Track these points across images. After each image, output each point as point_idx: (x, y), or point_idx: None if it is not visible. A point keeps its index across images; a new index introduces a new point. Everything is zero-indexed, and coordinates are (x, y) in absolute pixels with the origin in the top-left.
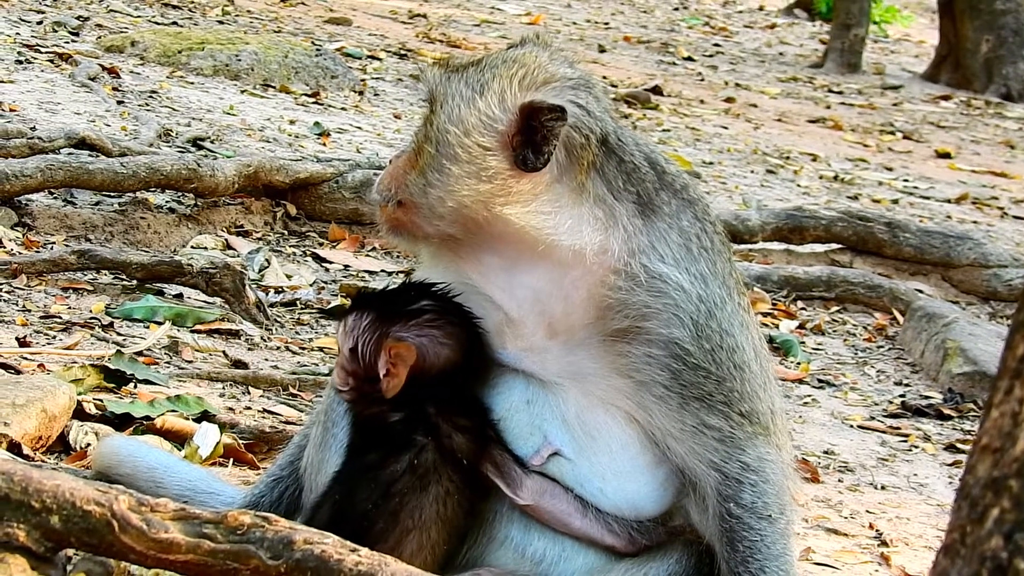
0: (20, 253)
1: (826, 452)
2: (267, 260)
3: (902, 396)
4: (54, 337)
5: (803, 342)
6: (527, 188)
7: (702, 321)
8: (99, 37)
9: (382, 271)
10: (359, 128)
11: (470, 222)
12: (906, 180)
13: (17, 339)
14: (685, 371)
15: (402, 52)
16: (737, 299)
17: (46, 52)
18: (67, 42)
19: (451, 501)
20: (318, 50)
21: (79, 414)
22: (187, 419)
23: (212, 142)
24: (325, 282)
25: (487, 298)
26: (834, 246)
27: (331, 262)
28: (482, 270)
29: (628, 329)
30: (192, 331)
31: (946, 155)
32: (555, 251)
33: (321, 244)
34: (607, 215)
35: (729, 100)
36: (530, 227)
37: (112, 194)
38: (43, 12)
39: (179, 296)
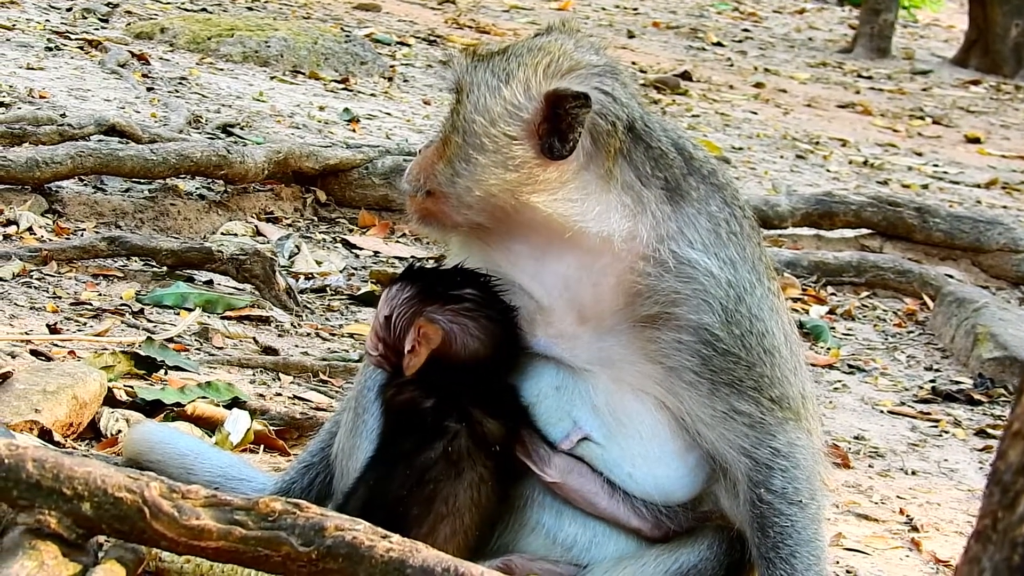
0: (50, 240)
1: (856, 437)
2: (297, 246)
3: (932, 381)
4: (84, 324)
5: (833, 327)
6: (554, 176)
7: (731, 306)
8: (128, 24)
9: (412, 257)
10: (389, 114)
11: (498, 211)
12: (936, 165)
13: (48, 326)
14: (715, 357)
15: (431, 38)
16: (767, 283)
17: (75, 39)
18: (96, 29)
19: (484, 487)
20: (347, 36)
21: (110, 401)
22: (218, 405)
23: (242, 128)
24: (355, 268)
25: (517, 286)
26: (864, 231)
27: (361, 248)
28: (511, 258)
29: (657, 315)
30: (222, 317)
31: (976, 140)
32: (583, 238)
33: (351, 230)
34: (635, 201)
35: (758, 85)
36: (557, 215)
37: (142, 181)
38: None
39: (209, 283)
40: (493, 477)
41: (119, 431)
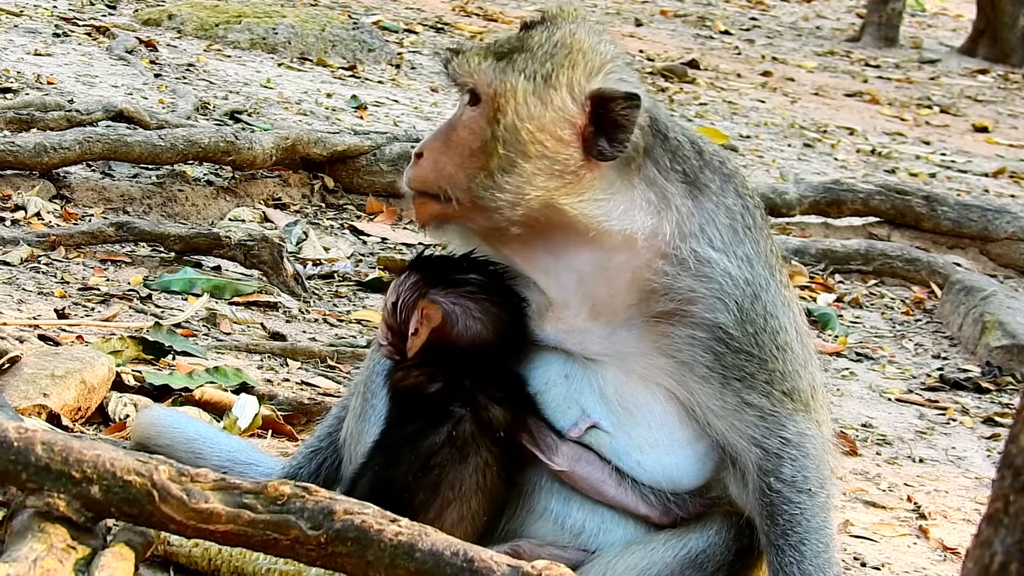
0: (58, 225)
1: (864, 425)
2: (305, 232)
3: (940, 369)
4: (92, 309)
5: (841, 315)
6: (590, 177)
7: (747, 305)
8: (136, 10)
9: (419, 243)
10: (396, 101)
11: (529, 216)
12: (944, 154)
13: (56, 311)
14: (728, 354)
15: (439, 26)
16: (779, 277)
17: (83, 25)
18: (104, 15)
19: (490, 472)
20: (355, 23)
21: (118, 385)
22: (225, 391)
23: (249, 115)
24: (363, 254)
25: (530, 281)
26: (872, 219)
27: (368, 234)
28: (528, 254)
29: (672, 312)
30: (230, 303)
31: (984, 129)
32: (605, 236)
33: (359, 217)
34: (659, 197)
35: (766, 74)
36: (583, 215)
37: (150, 166)
38: None
39: (217, 268)
40: (499, 462)
41: (127, 416)
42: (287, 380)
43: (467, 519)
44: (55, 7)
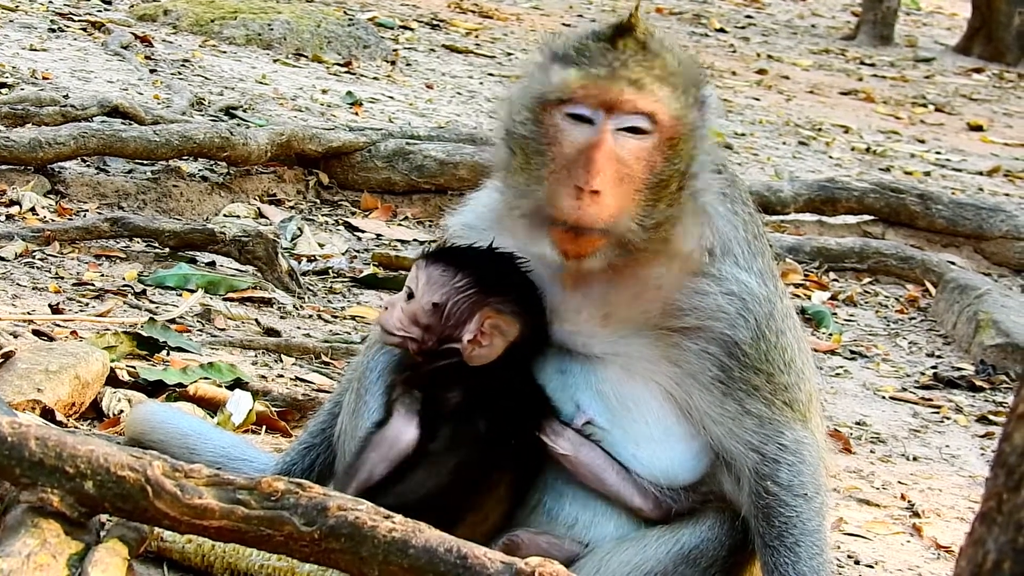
0: (53, 220)
1: (858, 423)
2: (299, 229)
3: (934, 368)
4: (87, 304)
5: (835, 313)
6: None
7: (764, 323)
8: (132, 6)
9: (414, 240)
10: (391, 98)
11: None
12: (938, 152)
13: (50, 306)
14: (737, 368)
15: (434, 22)
16: (780, 287)
17: (79, 20)
18: (99, 10)
19: (503, 474)
20: (350, 20)
21: (112, 381)
22: (220, 386)
23: (245, 111)
24: (357, 251)
25: (558, 283)
26: (866, 218)
27: (363, 231)
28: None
29: (691, 327)
30: (225, 299)
31: (978, 128)
32: (659, 253)
33: (353, 213)
34: (709, 207)
35: (761, 72)
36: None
37: (145, 162)
38: None
39: (212, 264)
40: (512, 462)
41: (121, 411)
42: (281, 376)
43: (488, 521)
44: (51, 2)
